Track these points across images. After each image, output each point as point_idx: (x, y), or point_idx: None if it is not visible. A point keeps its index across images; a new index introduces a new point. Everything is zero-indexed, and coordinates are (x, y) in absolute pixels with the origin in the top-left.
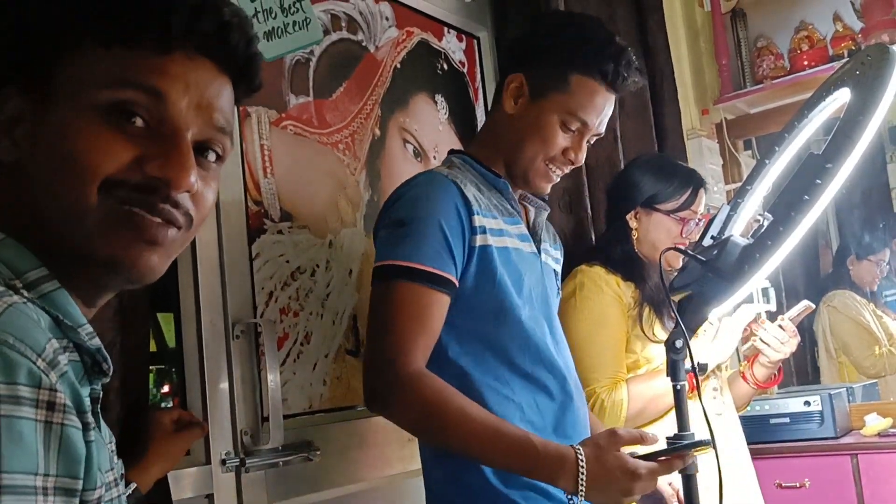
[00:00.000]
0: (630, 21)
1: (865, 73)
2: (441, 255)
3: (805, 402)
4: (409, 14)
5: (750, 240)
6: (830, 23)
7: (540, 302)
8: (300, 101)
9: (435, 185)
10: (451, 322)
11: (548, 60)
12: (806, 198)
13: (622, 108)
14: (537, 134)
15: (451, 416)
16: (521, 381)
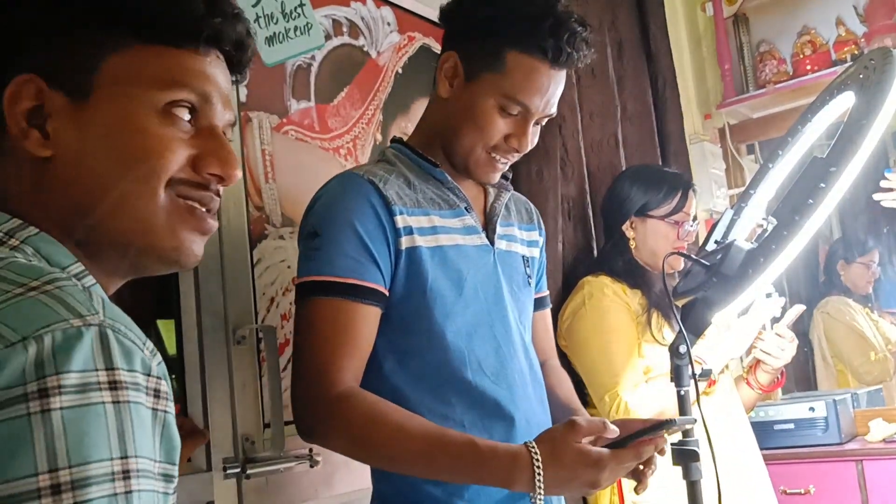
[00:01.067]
0: (632, 26)
1: (869, 77)
2: (360, 264)
3: (810, 409)
4: (411, 19)
5: (754, 244)
6: (833, 27)
7: (491, 299)
8: (302, 107)
9: (347, 187)
10: (385, 335)
11: (480, 36)
12: (810, 202)
13: (624, 114)
14: (472, 120)
15: (386, 434)
16: (463, 397)
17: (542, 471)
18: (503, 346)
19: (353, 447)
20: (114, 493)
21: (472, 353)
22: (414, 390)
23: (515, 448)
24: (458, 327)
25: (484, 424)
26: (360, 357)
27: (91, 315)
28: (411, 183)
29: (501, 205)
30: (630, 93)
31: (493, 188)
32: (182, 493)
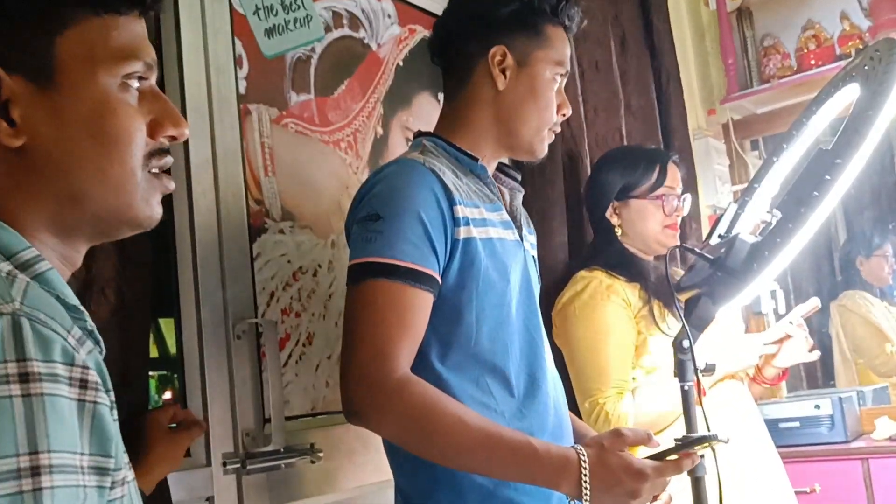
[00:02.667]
0: (635, 20)
1: (874, 68)
2: (422, 250)
3: (815, 406)
4: (411, 12)
5: (759, 237)
6: (837, 22)
7: (526, 294)
8: (301, 99)
9: (411, 174)
10: (433, 323)
11: (523, 21)
12: (815, 194)
13: (628, 109)
14: (536, 99)
15: (445, 424)
16: (504, 388)
17: (588, 476)
18: (536, 337)
19: (408, 434)
20: (19, 490)
21: (513, 344)
22: (458, 379)
23: (567, 451)
24: (504, 318)
25: (523, 415)
26: (415, 343)
27: (4, 304)
28: (459, 175)
29: (519, 205)
30: (634, 87)
31: (507, 189)
32: (181, 488)
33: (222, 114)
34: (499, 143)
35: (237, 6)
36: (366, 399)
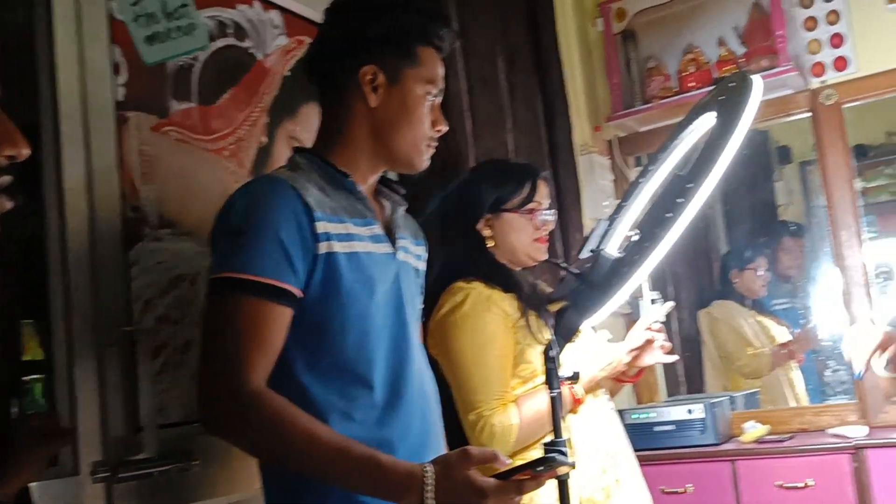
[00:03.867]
0: (523, 38)
1: (728, 99)
2: (280, 266)
3: (688, 411)
4: (299, 23)
5: (621, 254)
6: (716, 47)
7: (395, 307)
8: (183, 107)
9: (272, 191)
10: (296, 336)
11: (395, 42)
12: (669, 215)
13: (515, 124)
14: (408, 115)
15: (294, 437)
16: (367, 399)
17: (431, 492)
18: (403, 348)
19: (259, 447)
20: None
21: (379, 355)
22: (322, 390)
23: (413, 467)
24: (368, 330)
25: (385, 424)
26: (271, 357)
27: None
28: (326, 191)
29: (399, 218)
30: (520, 103)
31: (388, 203)
32: (48, 497)
33: (98, 121)
34: (376, 158)
35: (116, 12)
36: (219, 411)
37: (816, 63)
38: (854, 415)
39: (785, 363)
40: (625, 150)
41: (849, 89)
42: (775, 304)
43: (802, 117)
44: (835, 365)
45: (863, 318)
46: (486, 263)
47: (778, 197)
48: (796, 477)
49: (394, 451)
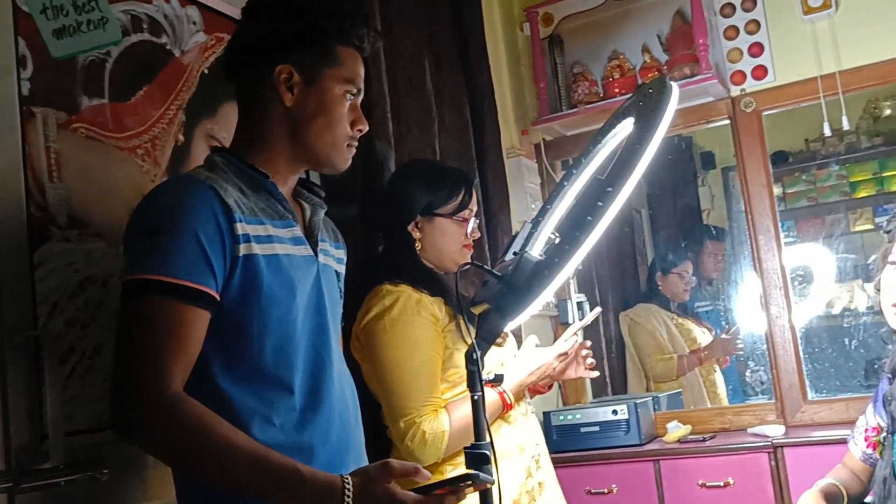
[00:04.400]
0: (451, 40)
1: (646, 105)
2: (197, 268)
3: (613, 412)
4: (218, 20)
5: (542, 256)
6: (640, 54)
7: (315, 310)
8: (94, 104)
9: (190, 191)
10: (214, 339)
11: (312, 41)
12: (589, 218)
13: (442, 126)
14: (327, 115)
15: (213, 445)
16: (286, 403)
17: (350, 503)
18: (322, 352)
19: (175, 455)
20: None
21: (298, 359)
22: (240, 393)
23: (333, 478)
24: (288, 334)
25: (305, 428)
26: (188, 360)
27: None
28: (244, 192)
29: (319, 220)
30: (448, 106)
31: (308, 205)
32: None
33: (1, 116)
34: (295, 159)
35: (21, 4)
36: (134, 417)
37: (736, 71)
38: (772, 414)
39: (693, 368)
40: (552, 154)
41: (767, 97)
42: (699, 307)
43: (724, 124)
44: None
45: None
46: (413, 266)
47: (702, 201)
48: (717, 475)
49: (314, 456)
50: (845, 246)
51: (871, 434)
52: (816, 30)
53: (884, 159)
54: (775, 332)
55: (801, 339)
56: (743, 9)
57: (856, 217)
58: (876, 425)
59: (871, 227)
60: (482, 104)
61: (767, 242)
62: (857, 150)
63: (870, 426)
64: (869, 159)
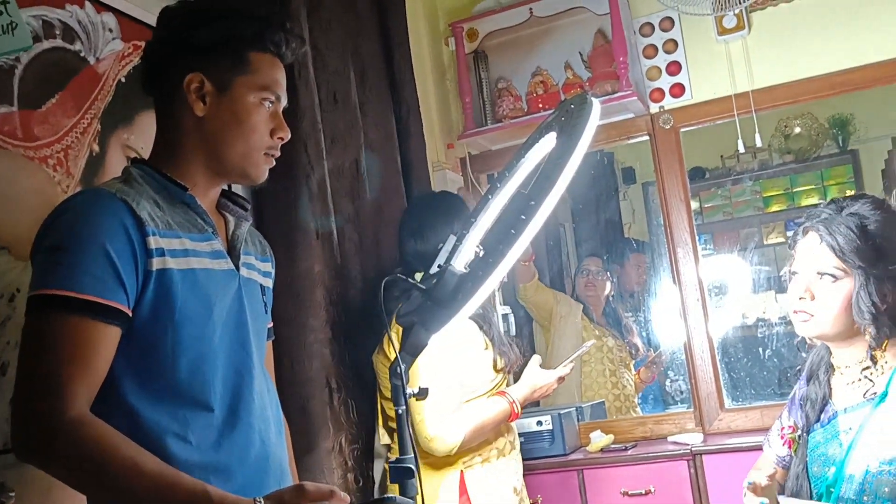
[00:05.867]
0: (376, 54)
1: (568, 120)
2: (106, 283)
3: (538, 423)
4: (136, 27)
5: (466, 270)
6: (563, 70)
7: (235, 325)
8: (2, 111)
9: (99, 204)
10: (126, 356)
11: (222, 49)
12: (513, 232)
13: (366, 139)
14: (240, 124)
15: (116, 468)
16: (202, 421)
17: None
18: (243, 371)
19: (78, 478)
20: None
21: (216, 376)
22: (152, 412)
23: (243, 502)
24: (205, 351)
25: (222, 447)
26: (95, 379)
27: None
28: (160, 205)
29: (243, 233)
30: (373, 119)
31: (232, 217)
32: None
33: None
34: (212, 170)
35: None
36: (35, 438)
37: (655, 89)
38: (691, 422)
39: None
40: (477, 168)
41: (684, 115)
42: None
43: (644, 140)
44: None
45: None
46: None
47: (623, 215)
48: (639, 484)
49: (232, 476)
50: (759, 258)
51: (787, 432)
52: (731, 50)
53: (794, 175)
54: (694, 343)
55: (717, 348)
56: (661, 28)
57: (769, 231)
58: (792, 424)
59: (782, 240)
60: (407, 118)
61: (685, 255)
62: (769, 166)
63: (786, 425)
64: (780, 175)
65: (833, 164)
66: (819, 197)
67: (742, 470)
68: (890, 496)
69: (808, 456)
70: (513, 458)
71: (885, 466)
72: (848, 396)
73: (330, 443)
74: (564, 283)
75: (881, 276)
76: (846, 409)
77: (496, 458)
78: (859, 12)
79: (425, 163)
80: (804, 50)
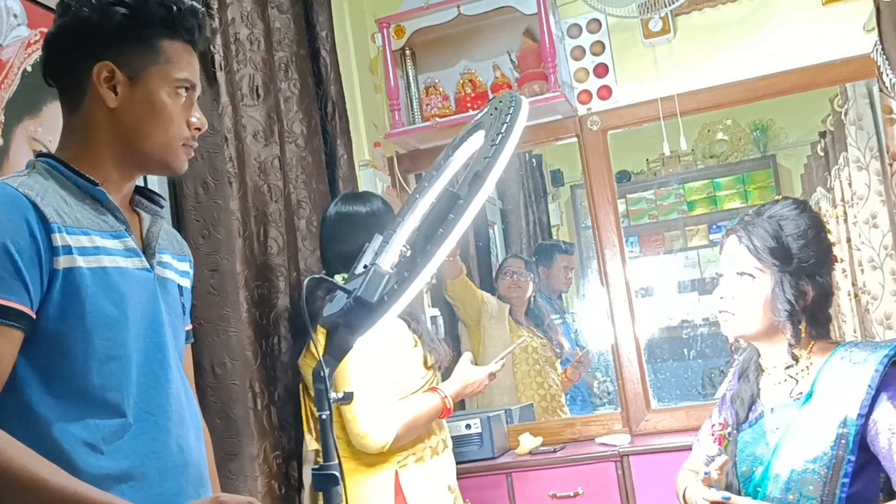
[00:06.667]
0: (300, 49)
1: (496, 118)
2: (7, 282)
3: (466, 426)
4: (42, 13)
5: (392, 270)
6: (491, 70)
7: (150, 326)
8: None
9: (0, 200)
10: (30, 360)
11: (132, 37)
12: (440, 231)
13: (290, 135)
14: (156, 115)
15: (18, 484)
16: (114, 426)
17: None
18: (159, 374)
19: None
20: None
21: (129, 379)
22: (60, 420)
23: None
24: (118, 354)
25: (136, 455)
26: None
27: None
28: (67, 201)
29: (158, 230)
30: (297, 115)
31: (146, 214)
32: None
33: None
34: (125, 163)
35: None
36: None
37: (583, 91)
38: (619, 423)
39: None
40: (405, 167)
41: (612, 117)
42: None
43: (572, 142)
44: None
45: None
46: None
47: (552, 217)
48: (567, 486)
49: (148, 485)
50: (683, 261)
51: (718, 429)
52: (657, 54)
53: (717, 179)
54: (621, 344)
55: (644, 350)
56: (588, 30)
57: (693, 233)
58: (723, 421)
59: (706, 242)
60: (333, 114)
61: (613, 257)
62: (693, 170)
63: (717, 422)
64: (704, 179)
65: (754, 168)
66: (741, 200)
67: (669, 470)
68: (814, 495)
69: (737, 455)
70: (447, 456)
71: (810, 465)
72: (775, 397)
73: (253, 449)
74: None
75: (797, 273)
76: (773, 409)
77: (430, 457)
78: (780, 20)
79: (351, 160)
80: (727, 55)
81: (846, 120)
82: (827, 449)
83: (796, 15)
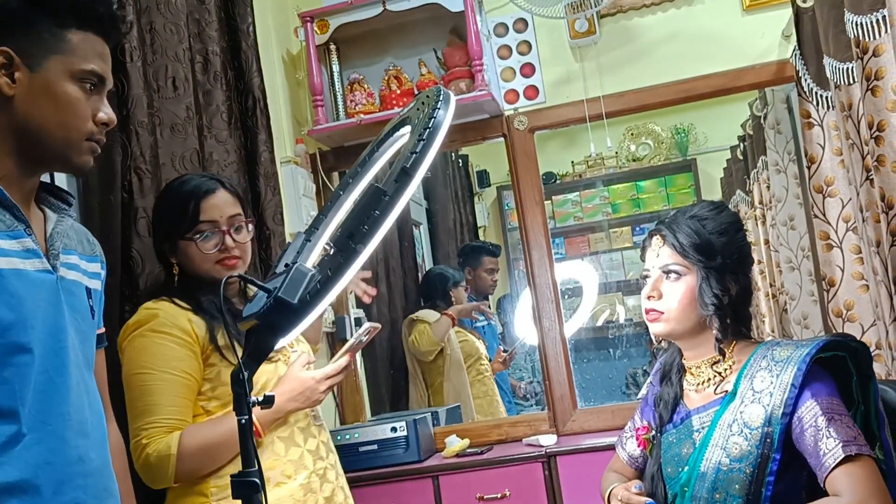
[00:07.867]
0: (220, 41)
1: (423, 112)
2: None
3: (392, 429)
4: None
5: (314, 269)
6: (417, 67)
7: (49, 330)
8: None
9: None
10: None
11: (33, 24)
12: (365, 228)
13: (209, 130)
14: (58, 108)
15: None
16: (9, 434)
17: None
18: (57, 381)
19: None
20: None
21: (25, 386)
22: None
23: None
24: (10, 360)
25: (29, 465)
26: None
27: None
28: None
29: (64, 229)
30: (216, 109)
31: (52, 213)
32: None
33: None
34: (24, 158)
35: None
36: None
37: (510, 90)
38: (545, 424)
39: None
40: (328, 165)
41: (539, 117)
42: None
43: (498, 142)
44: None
45: None
46: (174, 284)
47: (478, 218)
48: (494, 488)
49: (41, 498)
50: (608, 262)
51: (642, 432)
52: (582, 54)
53: (640, 182)
54: (547, 345)
55: (570, 350)
56: (515, 29)
57: (617, 235)
58: (646, 424)
59: (629, 244)
60: (254, 109)
61: (540, 258)
62: (617, 172)
63: (640, 425)
64: (628, 181)
65: (675, 171)
66: (663, 203)
67: (596, 470)
68: (740, 493)
69: (662, 457)
70: (293, 483)
71: (736, 464)
72: (699, 396)
73: None
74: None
75: (721, 269)
76: (698, 408)
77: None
78: (702, 25)
79: (272, 157)
80: (651, 58)
81: (765, 124)
82: (752, 448)
83: (718, 21)
